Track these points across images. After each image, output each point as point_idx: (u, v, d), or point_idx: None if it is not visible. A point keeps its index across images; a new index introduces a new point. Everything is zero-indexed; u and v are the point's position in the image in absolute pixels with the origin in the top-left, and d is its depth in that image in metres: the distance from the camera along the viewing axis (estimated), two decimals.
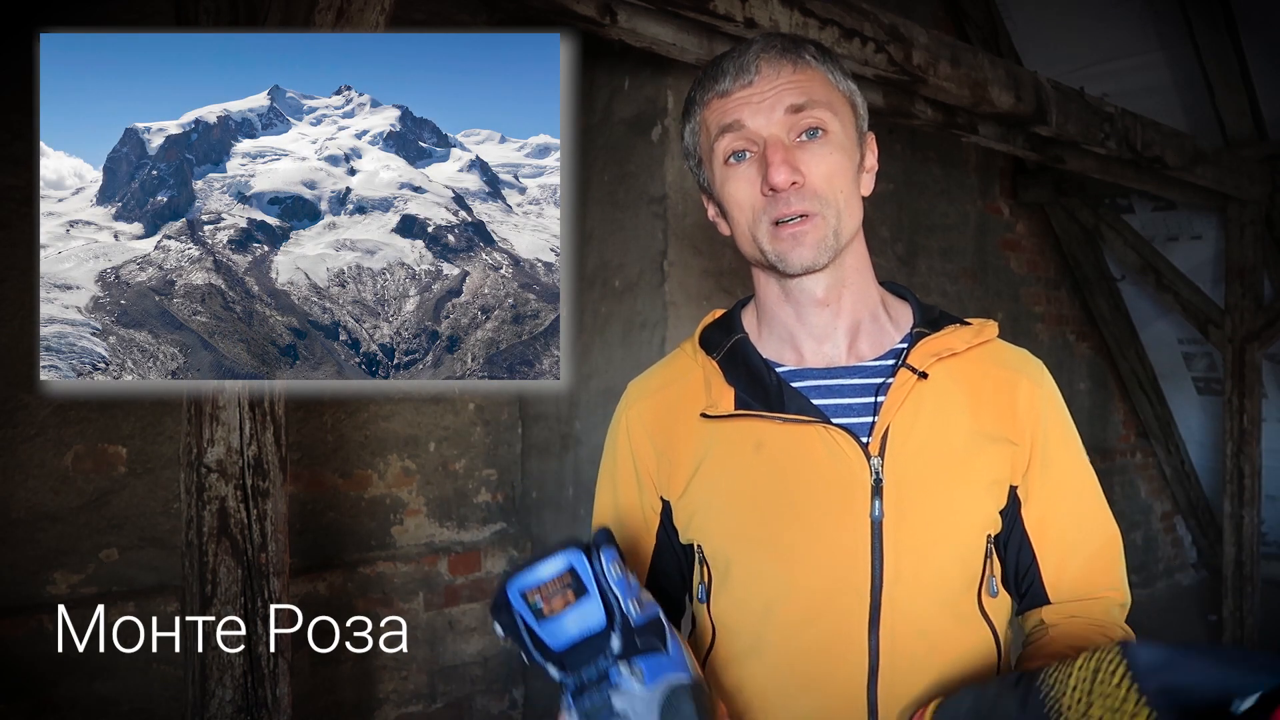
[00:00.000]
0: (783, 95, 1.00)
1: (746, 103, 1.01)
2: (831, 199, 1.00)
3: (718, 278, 3.15)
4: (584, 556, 0.82)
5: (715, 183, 1.06)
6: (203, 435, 1.66)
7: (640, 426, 1.11)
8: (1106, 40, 4.36)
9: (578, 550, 0.83)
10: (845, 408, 1.04)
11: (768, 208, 1.00)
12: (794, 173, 0.98)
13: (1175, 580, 5.84)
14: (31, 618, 2.50)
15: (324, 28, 1.62)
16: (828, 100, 1.02)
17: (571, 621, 0.81)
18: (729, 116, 1.01)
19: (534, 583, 0.81)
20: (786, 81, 1.00)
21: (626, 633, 0.82)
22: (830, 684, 1.00)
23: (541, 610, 0.81)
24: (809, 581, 1.01)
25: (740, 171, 1.02)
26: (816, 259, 1.01)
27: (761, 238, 1.01)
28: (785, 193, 0.99)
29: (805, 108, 1.00)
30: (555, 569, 0.82)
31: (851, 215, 1.03)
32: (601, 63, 3.22)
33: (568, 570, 0.82)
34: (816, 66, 1.03)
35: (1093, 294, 5.31)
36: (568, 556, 0.82)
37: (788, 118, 1.00)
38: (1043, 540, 1.06)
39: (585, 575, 0.82)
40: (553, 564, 0.82)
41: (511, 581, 0.82)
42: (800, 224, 0.99)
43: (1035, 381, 1.08)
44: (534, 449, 3.59)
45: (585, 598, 0.82)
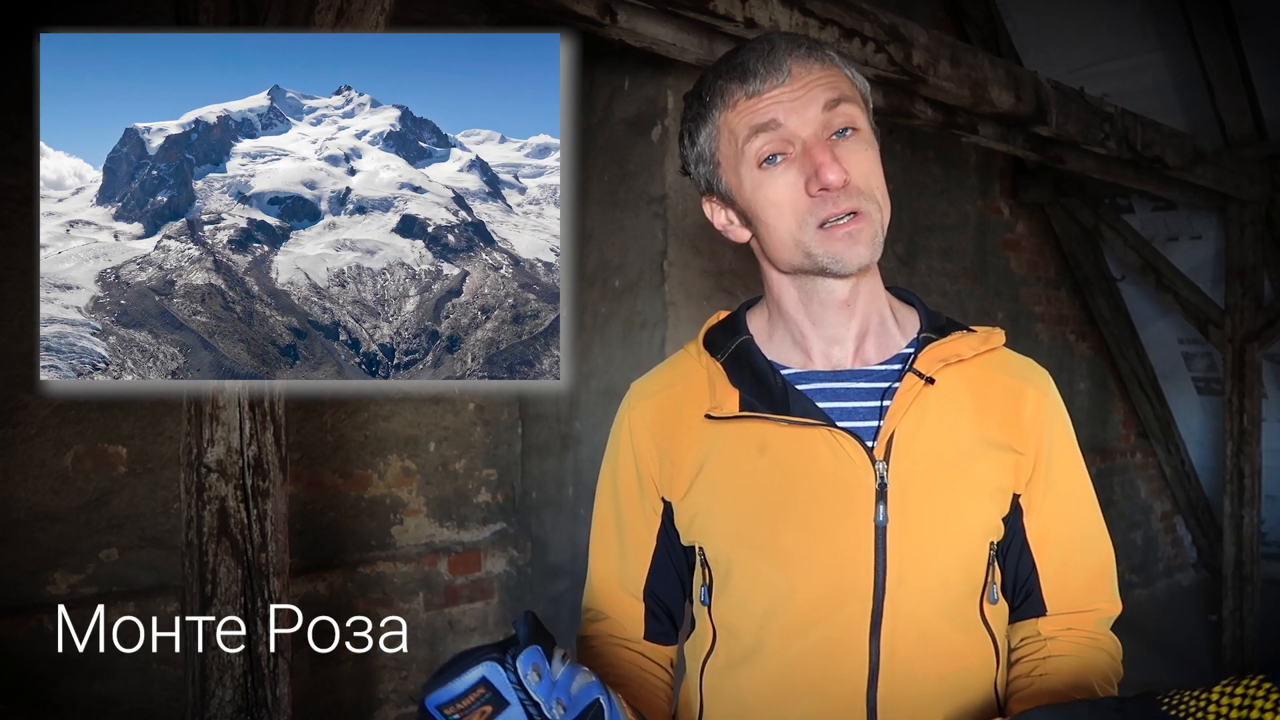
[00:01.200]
0: (816, 93, 0.97)
1: (779, 101, 0.97)
2: (872, 195, 0.98)
3: (718, 278, 3.15)
4: (498, 667, 0.80)
5: (743, 188, 1.01)
6: (203, 435, 1.66)
7: (643, 427, 1.10)
8: (1106, 40, 4.36)
9: (492, 661, 0.80)
10: (850, 411, 1.03)
11: (814, 209, 0.97)
12: (843, 170, 0.95)
13: (1175, 580, 5.84)
14: (31, 618, 2.50)
15: (324, 28, 1.62)
16: (854, 96, 1.00)
17: None
18: (762, 116, 0.97)
19: (449, 697, 0.79)
20: (818, 79, 0.98)
21: None
22: (830, 688, 1.00)
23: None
24: (811, 585, 1.00)
25: (777, 175, 0.98)
26: (870, 256, 0.98)
27: (809, 240, 0.98)
28: (835, 192, 0.96)
29: (840, 103, 0.98)
30: (469, 682, 0.79)
31: (887, 212, 1.01)
32: (601, 63, 3.22)
33: (480, 683, 0.79)
34: (838, 64, 1.01)
35: (1093, 294, 5.31)
36: (481, 670, 0.79)
37: (824, 115, 0.97)
38: (1043, 551, 1.06)
39: (502, 687, 0.80)
40: (467, 678, 0.79)
41: (428, 697, 0.80)
42: (853, 222, 0.97)
43: (1042, 391, 1.08)
44: (534, 449, 3.59)
45: (506, 710, 0.79)
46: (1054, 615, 1.07)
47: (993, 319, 4.68)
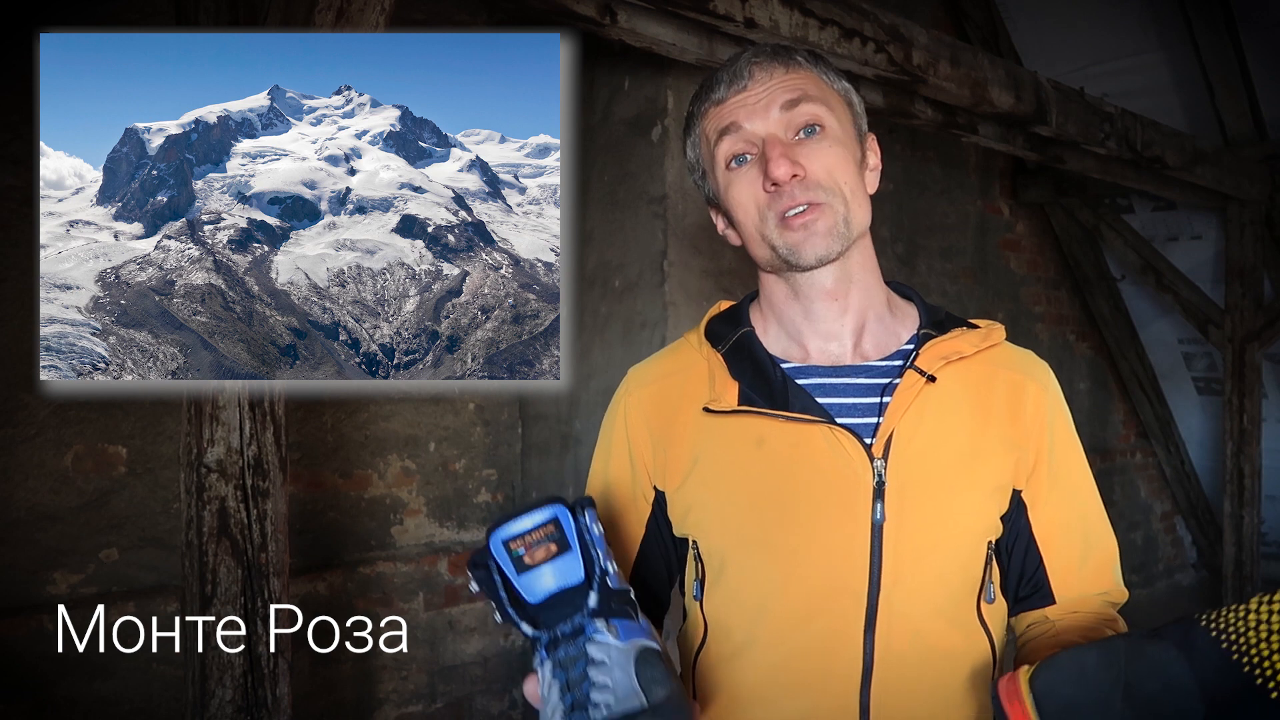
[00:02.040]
0: (775, 94, 1.01)
1: (741, 105, 1.02)
2: (835, 189, 1.00)
3: (718, 278, 3.15)
4: (569, 512, 0.83)
5: (720, 190, 1.06)
6: (203, 435, 1.66)
7: (639, 414, 1.10)
8: (1106, 40, 4.36)
9: (562, 504, 0.83)
10: (849, 407, 1.03)
11: (772, 203, 1.00)
12: (794, 166, 0.99)
13: (1175, 580, 5.84)
14: (31, 618, 2.50)
15: (324, 28, 1.62)
16: (821, 96, 1.03)
17: (550, 575, 0.81)
18: (725, 120, 1.03)
19: (517, 532, 0.81)
20: (779, 82, 1.02)
21: (604, 591, 0.82)
22: (822, 685, 1.00)
23: (523, 559, 0.81)
24: (805, 582, 1.00)
25: (742, 174, 1.02)
26: (830, 248, 1.00)
27: (771, 234, 1.01)
28: (788, 186, 0.99)
29: (799, 103, 1.01)
30: (539, 519, 0.82)
31: (860, 207, 1.03)
32: (601, 63, 3.22)
33: (551, 521, 0.82)
34: (808, 68, 1.04)
35: (1093, 294, 5.31)
36: (553, 509, 0.82)
37: (783, 115, 1.01)
38: (1050, 544, 1.06)
39: (569, 529, 0.82)
40: (537, 515, 0.82)
41: (495, 531, 0.82)
42: (808, 213, 0.99)
43: (1042, 385, 1.08)
44: (534, 449, 3.59)
45: (567, 553, 0.81)
46: (1062, 604, 1.07)
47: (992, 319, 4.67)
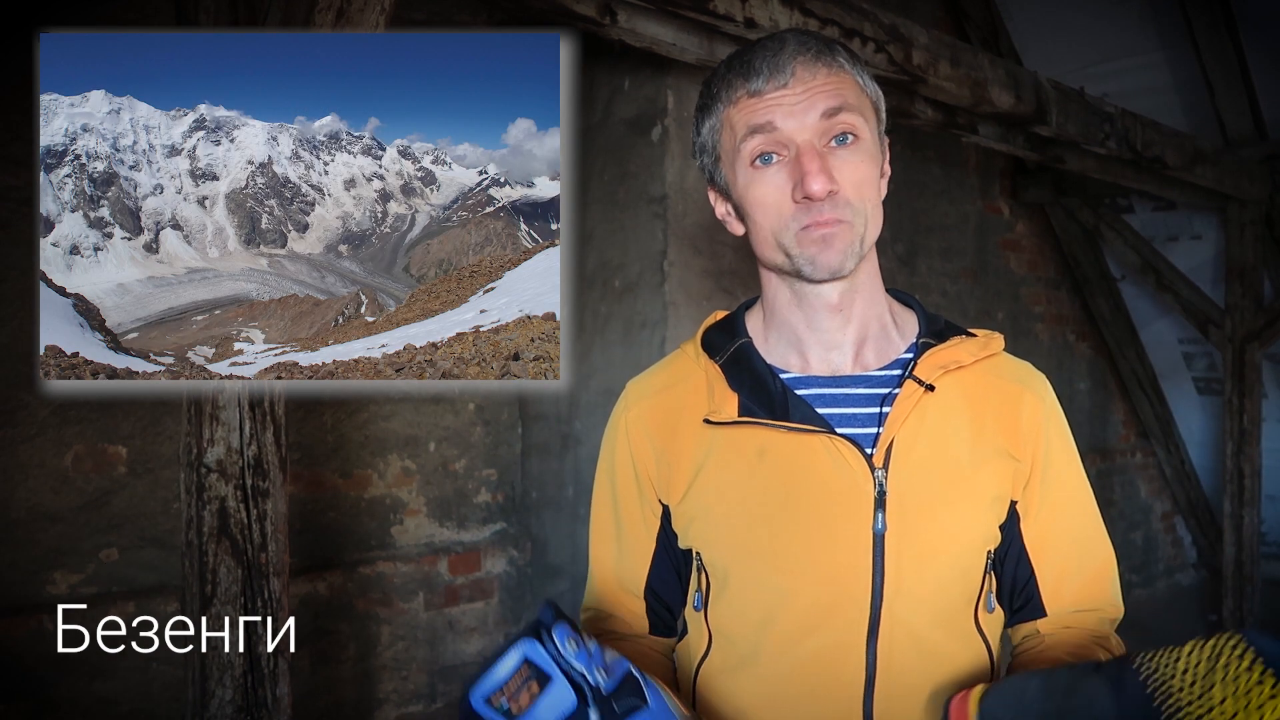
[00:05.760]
0: (817, 99, 0.97)
1: (779, 104, 0.97)
2: (861, 208, 0.98)
3: (718, 278, 3.15)
4: (536, 643, 0.81)
5: (736, 183, 1.02)
6: (203, 435, 1.66)
7: (640, 428, 1.10)
8: (1106, 40, 4.35)
9: (529, 639, 0.81)
10: (849, 418, 1.03)
11: (798, 215, 0.97)
12: (830, 181, 0.95)
13: (1175, 580, 5.84)
14: (31, 618, 2.50)
15: (324, 28, 1.62)
16: (859, 105, 0.99)
17: (545, 711, 0.80)
18: (760, 117, 0.98)
19: (495, 685, 0.80)
20: (821, 84, 0.97)
21: (602, 704, 0.81)
22: (826, 695, 1.00)
23: (510, 711, 0.80)
24: (809, 592, 1.00)
25: (768, 175, 0.99)
26: (844, 264, 0.98)
27: (788, 242, 0.98)
28: (820, 202, 0.96)
29: (840, 111, 0.97)
30: (511, 665, 0.81)
31: (875, 224, 1.01)
32: (601, 63, 3.22)
33: (524, 663, 0.81)
34: (849, 71, 1.00)
35: (1093, 294, 5.31)
36: (520, 648, 0.81)
37: (822, 122, 0.97)
38: (1042, 556, 1.06)
39: (544, 662, 0.81)
40: (508, 660, 0.81)
41: (473, 691, 0.81)
42: (829, 226, 0.97)
43: (1039, 396, 1.07)
44: (534, 449, 3.59)
45: (551, 685, 0.80)
46: (1054, 617, 1.07)
47: (993, 319, 4.68)
